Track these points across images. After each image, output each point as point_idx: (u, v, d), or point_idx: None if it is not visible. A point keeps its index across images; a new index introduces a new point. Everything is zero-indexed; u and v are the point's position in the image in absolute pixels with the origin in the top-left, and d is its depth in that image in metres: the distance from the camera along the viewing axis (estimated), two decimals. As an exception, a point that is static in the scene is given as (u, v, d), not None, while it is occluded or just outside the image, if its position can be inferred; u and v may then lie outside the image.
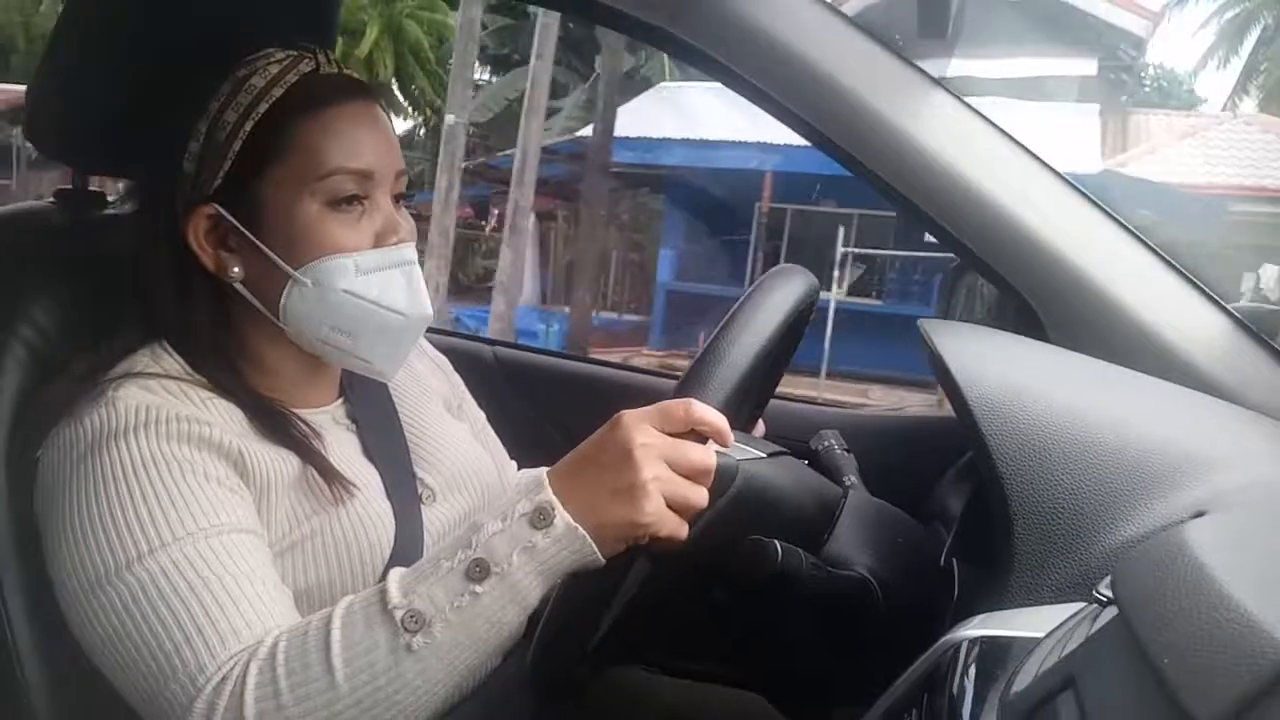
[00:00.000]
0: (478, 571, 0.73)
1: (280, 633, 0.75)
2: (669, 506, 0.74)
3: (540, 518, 0.73)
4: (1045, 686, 0.54)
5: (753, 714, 1.10)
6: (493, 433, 1.21)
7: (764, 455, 0.87)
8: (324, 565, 0.87)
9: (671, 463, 0.74)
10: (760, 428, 1.15)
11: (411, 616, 0.72)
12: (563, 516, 0.73)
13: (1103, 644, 0.54)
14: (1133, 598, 0.52)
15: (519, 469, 1.23)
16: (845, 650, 0.89)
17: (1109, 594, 0.58)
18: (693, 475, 0.75)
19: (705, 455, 0.76)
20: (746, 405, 1.10)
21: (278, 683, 0.71)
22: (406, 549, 0.92)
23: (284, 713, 0.71)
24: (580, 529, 0.73)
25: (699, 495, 0.75)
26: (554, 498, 0.74)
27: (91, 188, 1.10)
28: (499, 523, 0.74)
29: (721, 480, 0.77)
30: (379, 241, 0.89)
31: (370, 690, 0.71)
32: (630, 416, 0.76)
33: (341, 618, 0.74)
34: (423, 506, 0.97)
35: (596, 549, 0.74)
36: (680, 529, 0.75)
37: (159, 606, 0.75)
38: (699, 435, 0.76)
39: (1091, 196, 1.11)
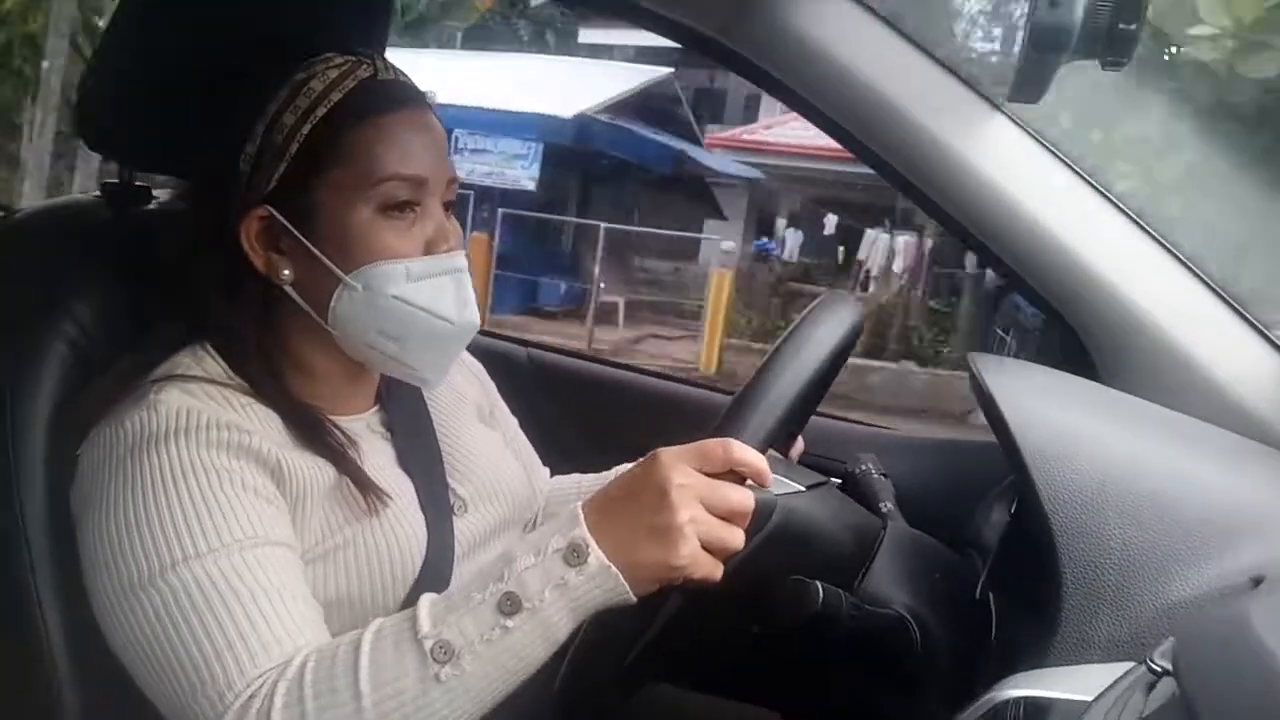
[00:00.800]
0: (509, 605, 0.72)
1: (309, 652, 0.74)
2: (704, 548, 0.73)
3: (574, 555, 0.72)
4: (1098, 761, 0.53)
5: None
6: (524, 438, 1.20)
7: (803, 488, 0.86)
8: (355, 575, 0.87)
9: (708, 504, 0.73)
10: (799, 445, 1.14)
11: (440, 647, 0.71)
12: (597, 555, 0.72)
13: (1161, 722, 0.52)
14: (1197, 679, 0.50)
15: (550, 475, 1.23)
16: (881, 687, 0.88)
17: (1166, 665, 0.56)
18: (729, 517, 0.74)
19: (743, 497, 0.75)
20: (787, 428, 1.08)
21: (304, 704, 0.71)
22: (438, 560, 0.91)
23: None
24: (614, 568, 0.72)
25: (735, 537, 0.74)
26: (588, 534, 0.73)
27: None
28: (532, 556, 0.73)
29: (759, 517, 0.76)
30: (430, 248, 0.88)
31: (397, 717, 0.71)
32: (668, 455, 0.75)
33: (371, 642, 0.73)
34: (454, 517, 0.96)
35: (629, 588, 0.73)
36: (715, 570, 0.74)
37: (191, 618, 0.75)
38: (737, 475, 0.75)
39: (1149, 229, 1.08)
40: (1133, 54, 0.72)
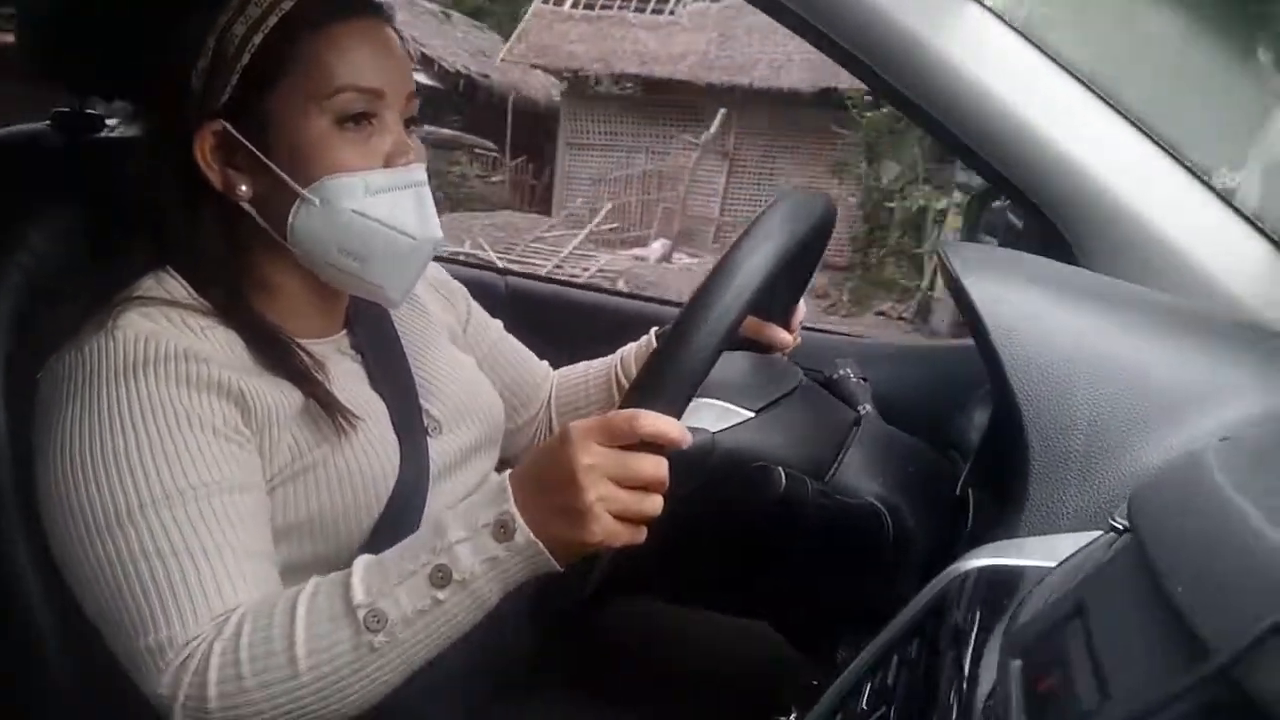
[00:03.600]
0: (440, 578, 0.73)
1: (245, 612, 0.75)
2: (622, 519, 0.73)
3: (502, 530, 0.73)
4: (1053, 615, 0.52)
5: (759, 641, 1.09)
6: (512, 340, 1.20)
7: (752, 414, 0.84)
8: (328, 495, 0.86)
9: (619, 480, 0.73)
10: (801, 311, 1.12)
11: (374, 616, 0.72)
12: (523, 531, 0.73)
13: (1115, 571, 0.51)
14: (1149, 521, 0.49)
15: None
16: (853, 579, 0.87)
17: (1124, 522, 0.55)
18: (646, 486, 0.74)
19: (655, 467, 0.74)
20: (778, 302, 1.06)
21: (240, 666, 0.72)
22: (412, 480, 0.91)
23: (247, 695, 0.72)
24: (539, 543, 0.73)
25: (651, 506, 0.74)
26: (515, 510, 0.73)
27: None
28: (463, 530, 0.74)
29: (694, 462, 0.76)
30: (389, 162, 0.86)
31: (332, 680, 0.73)
32: (577, 432, 0.74)
33: (306, 606, 0.74)
34: (428, 438, 0.95)
35: (554, 561, 0.74)
36: (636, 536, 0.75)
37: (140, 565, 0.75)
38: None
39: (1126, 113, 1.05)
40: None
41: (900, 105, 1.12)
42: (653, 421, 0.73)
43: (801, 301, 1.10)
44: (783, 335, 1.09)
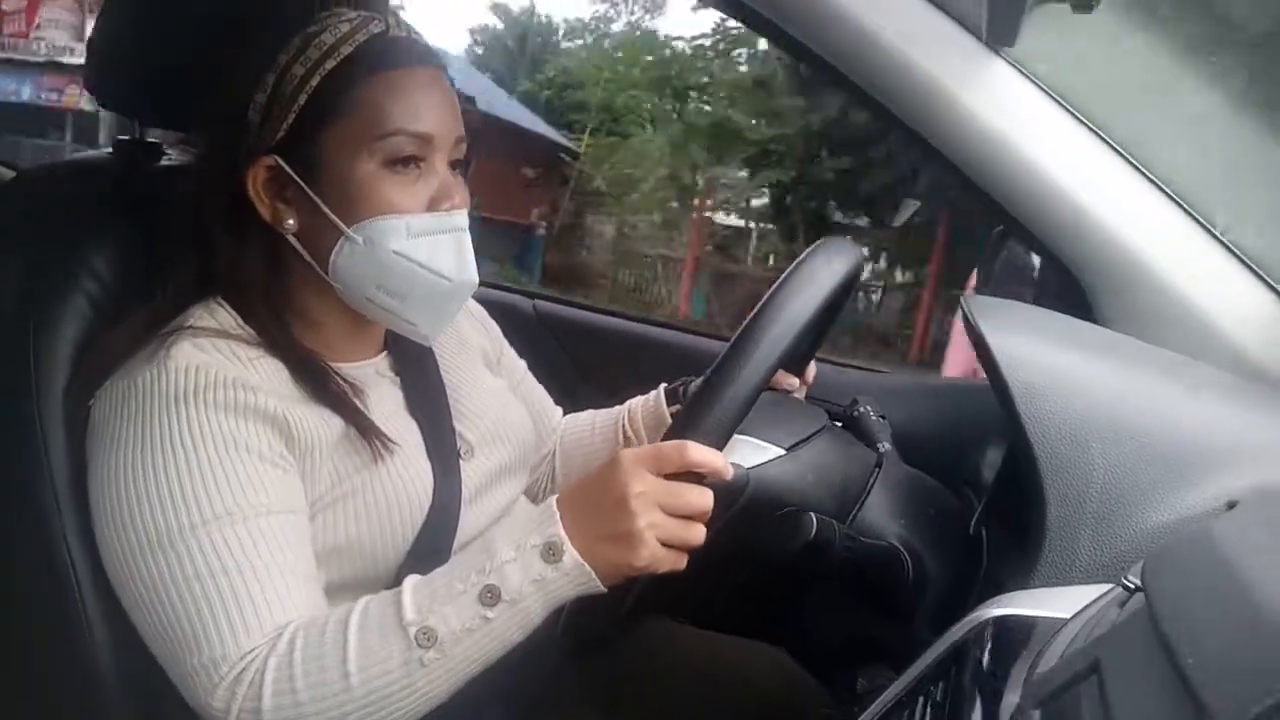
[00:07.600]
0: (489, 597, 0.77)
1: (298, 628, 0.78)
2: (666, 545, 0.78)
3: (550, 552, 0.77)
4: (1070, 670, 0.56)
5: (778, 668, 1.13)
6: (534, 381, 1.23)
7: (784, 450, 0.88)
8: (364, 521, 0.89)
9: (667, 508, 0.78)
10: (812, 370, 1.16)
11: (424, 633, 0.76)
12: (571, 554, 0.77)
13: (1129, 633, 0.55)
14: (1161, 591, 0.53)
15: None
16: (872, 615, 0.91)
17: (1137, 581, 0.59)
18: (690, 516, 0.79)
19: (701, 498, 0.79)
20: (797, 350, 1.10)
21: (294, 680, 0.76)
22: (445, 504, 0.94)
23: (300, 709, 0.76)
24: (586, 565, 0.77)
25: (696, 534, 0.79)
26: (563, 533, 0.78)
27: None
28: (511, 550, 0.78)
29: (729, 496, 0.79)
30: (433, 206, 0.90)
31: (382, 695, 0.77)
32: (627, 459, 0.78)
33: (358, 624, 0.78)
34: (461, 461, 0.99)
35: (600, 582, 0.78)
36: (679, 562, 0.79)
37: (193, 585, 0.78)
38: (698, 474, 0.79)
39: (1145, 170, 1.09)
40: (1103, -5, 0.72)
41: (921, 151, 1.16)
42: (700, 453, 0.78)
43: (813, 364, 1.15)
44: (794, 381, 1.14)
